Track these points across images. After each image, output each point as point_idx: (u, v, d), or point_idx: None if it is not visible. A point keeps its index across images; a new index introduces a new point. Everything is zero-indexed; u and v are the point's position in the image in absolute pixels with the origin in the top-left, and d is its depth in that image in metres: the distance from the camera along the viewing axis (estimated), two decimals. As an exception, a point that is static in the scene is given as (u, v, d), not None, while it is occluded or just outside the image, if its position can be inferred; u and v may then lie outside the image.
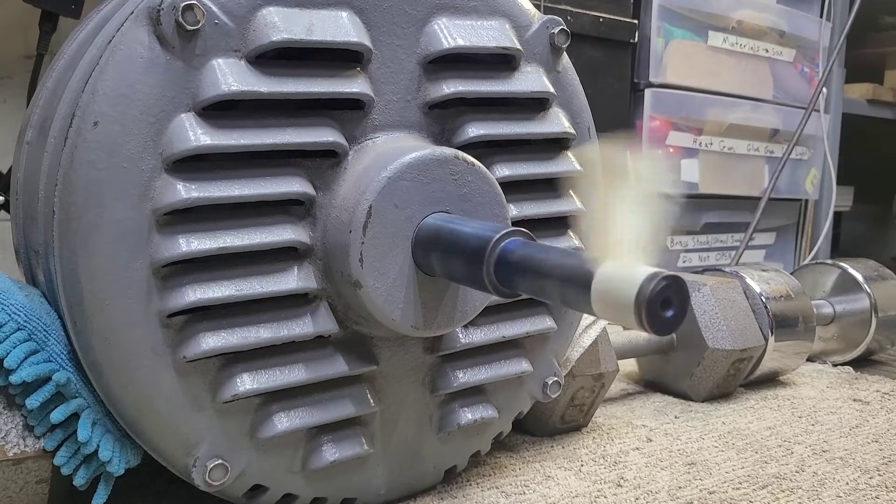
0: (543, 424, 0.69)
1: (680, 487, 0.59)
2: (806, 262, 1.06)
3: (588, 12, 1.39)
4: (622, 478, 0.60)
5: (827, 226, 1.78)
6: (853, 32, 1.78)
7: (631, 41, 1.46)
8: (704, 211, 1.67)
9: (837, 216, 2.42)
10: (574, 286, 0.36)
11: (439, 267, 0.44)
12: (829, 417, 0.78)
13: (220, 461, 0.45)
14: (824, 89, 1.83)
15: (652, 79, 1.53)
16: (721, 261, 1.66)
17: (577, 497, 0.56)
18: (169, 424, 0.44)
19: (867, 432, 0.73)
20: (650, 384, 0.87)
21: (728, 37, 1.64)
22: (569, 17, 1.36)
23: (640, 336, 0.81)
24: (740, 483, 0.60)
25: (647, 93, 1.52)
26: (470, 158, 0.47)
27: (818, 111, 1.70)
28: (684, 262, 1.65)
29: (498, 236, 0.41)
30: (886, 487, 0.60)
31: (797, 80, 1.78)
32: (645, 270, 0.33)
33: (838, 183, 2.16)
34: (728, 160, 1.67)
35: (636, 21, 1.47)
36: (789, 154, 1.44)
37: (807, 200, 1.90)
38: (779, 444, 0.69)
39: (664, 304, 0.33)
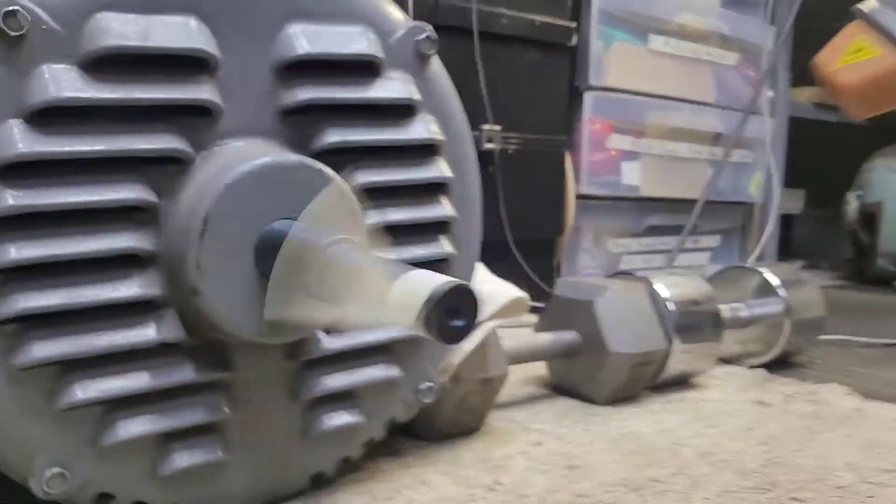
0: (432, 429, 0.69)
1: (553, 491, 0.59)
2: (727, 265, 1.07)
3: (524, 15, 1.39)
4: (498, 482, 0.60)
5: (769, 229, 1.79)
6: (802, 36, 1.80)
7: (569, 44, 1.47)
8: (647, 214, 1.68)
9: (790, 219, 2.45)
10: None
11: (276, 274, 0.44)
12: (727, 420, 0.78)
13: (58, 469, 0.45)
14: (770, 93, 1.85)
15: (592, 82, 1.53)
16: (664, 263, 1.67)
17: (447, 502, 0.57)
18: (4, 433, 0.44)
19: (759, 434, 0.74)
20: (558, 388, 0.88)
21: (669, 40, 1.65)
22: (504, 21, 1.37)
23: (541, 339, 0.81)
24: (614, 486, 0.60)
25: (587, 96, 1.53)
26: (318, 165, 0.47)
27: (760, 115, 1.71)
28: (627, 264, 1.66)
29: (323, 244, 0.41)
30: (757, 489, 0.61)
31: (741, 83, 1.80)
32: (435, 280, 0.33)
33: (789, 186, 2.18)
34: (670, 163, 1.69)
35: (574, 24, 1.47)
36: (726, 157, 1.45)
37: (753, 203, 1.92)
38: (667, 446, 0.70)
39: (452, 313, 0.33)
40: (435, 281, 0.33)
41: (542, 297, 1.03)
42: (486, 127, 1.35)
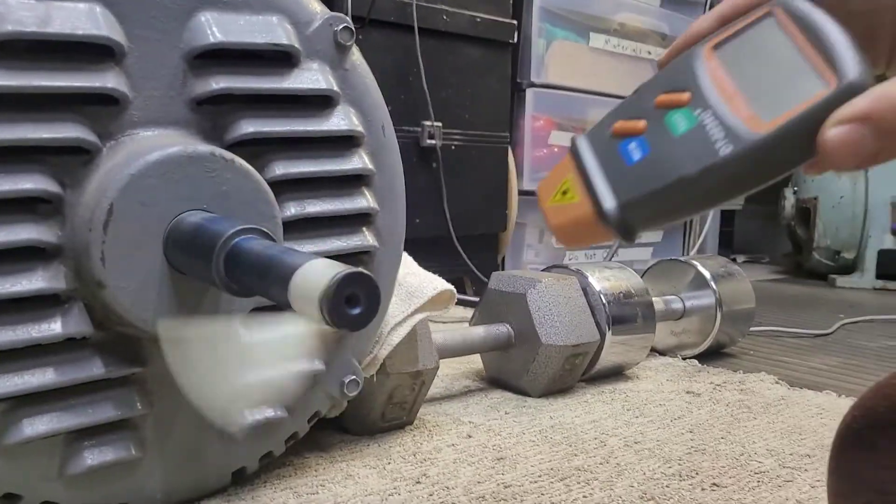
0: (363, 423, 0.68)
1: (478, 482, 0.59)
2: (660, 259, 1.09)
3: (465, 12, 1.40)
4: (424, 474, 0.60)
5: (708, 224, 1.83)
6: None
7: (511, 41, 1.48)
8: (590, 209, 1.70)
9: (731, 214, 2.50)
10: (278, 283, 0.35)
11: (185, 265, 0.43)
12: (655, 410, 0.80)
13: (-43, 470, 0.43)
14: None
15: (534, 79, 1.55)
16: (608, 258, 1.69)
17: (370, 495, 0.56)
18: None
19: (686, 423, 0.75)
20: (493, 381, 0.88)
21: (610, 38, 1.67)
22: (445, 17, 1.37)
23: (474, 333, 0.81)
24: (540, 476, 0.61)
25: (529, 92, 1.55)
26: (229, 155, 0.46)
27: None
28: (570, 259, 1.68)
29: (230, 233, 0.40)
30: (680, 476, 0.62)
31: (680, 81, 1.83)
32: (334, 269, 0.33)
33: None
34: (612, 160, 1.70)
35: (516, 22, 1.48)
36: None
37: (693, 199, 1.96)
38: (595, 436, 0.71)
39: (350, 300, 0.33)
40: (330, 270, 0.33)
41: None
42: (427, 123, 1.35)
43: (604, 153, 0.30)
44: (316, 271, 0.33)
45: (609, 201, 0.29)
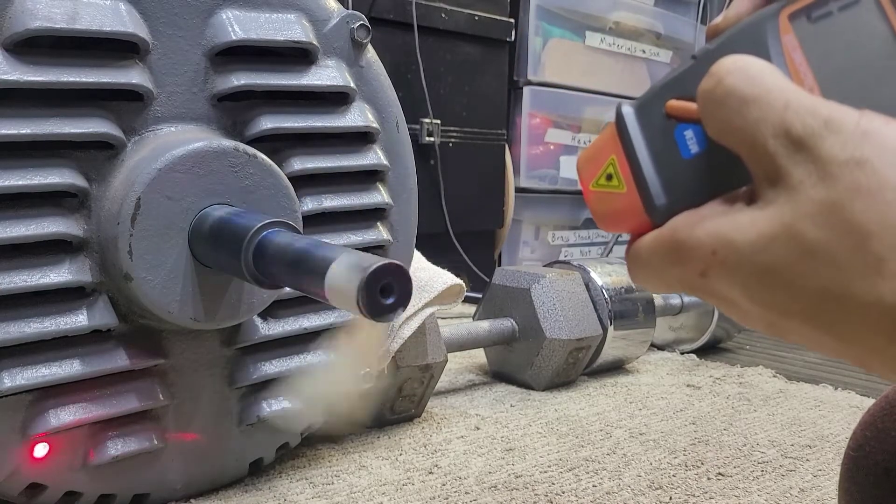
0: (372, 415, 0.69)
1: (490, 473, 0.60)
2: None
3: (463, 10, 1.41)
4: (436, 465, 0.61)
5: (702, 221, 1.85)
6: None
7: (508, 39, 1.49)
8: (585, 207, 1.71)
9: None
10: (313, 275, 0.36)
11: (211, 258, 0.44)
12: (658, 402, 0.81)
13: (-15, 460, 0.44)
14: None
15: (530, 77, 1.56)
16: (601, 255, 1.70)
17: (385, 485, 0.57)
18: (-72, 423, 0.43)
19: (689, 415, 0.77)
20: (497, 375, 0.89)
21: (605, 37, 1.69)
22: (443, 15, 1.38)
23: (479, 327, 0.82)
24: (549, 466, 0.62)
25: (526, 90, 1.56)
26: (251, 150, 0.47)
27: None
28: (566, 256, 1.69)
29: (258, 226, 0.41)
30: (686, 466, 0.63)
31: (674, 80, 1.85)
32: (367, 261, 0.34)
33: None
34: (607, 157, 1.72)
35: (513, 20, 1.49)
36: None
37: (686, 196, 1.98)
38: (601, 428, 0.72)
39: (383, 291, 0.34)
40: (364, 262, 0.34)
41: (483, 288, 1.04)
42: (426, 120, 1.36)
43: (655, 136, 0.25)
44: (350, 264, 0.34)
45: (660, 198, 0.25)
